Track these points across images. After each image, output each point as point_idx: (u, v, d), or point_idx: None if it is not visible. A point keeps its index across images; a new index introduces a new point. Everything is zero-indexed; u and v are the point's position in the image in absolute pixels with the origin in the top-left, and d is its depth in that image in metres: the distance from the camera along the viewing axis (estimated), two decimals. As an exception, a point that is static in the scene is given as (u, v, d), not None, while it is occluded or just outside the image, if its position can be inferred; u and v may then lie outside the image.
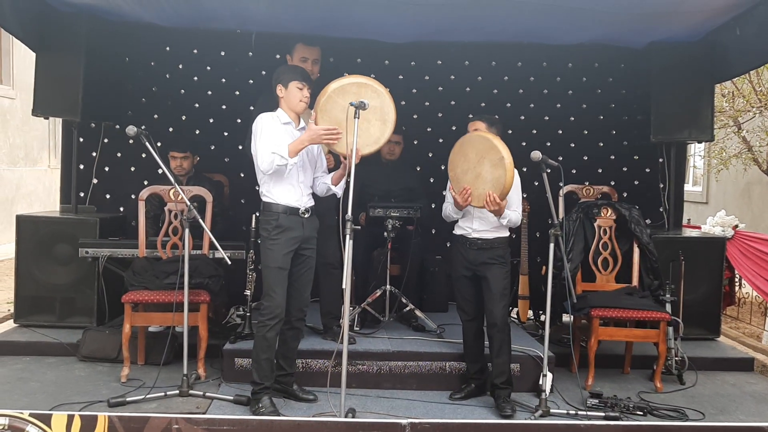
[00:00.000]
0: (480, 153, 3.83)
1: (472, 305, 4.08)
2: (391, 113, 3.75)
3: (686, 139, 5.29)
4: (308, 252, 3.87)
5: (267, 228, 3.76)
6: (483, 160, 3.81)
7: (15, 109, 10.85)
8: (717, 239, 5.43)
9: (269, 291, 3.72)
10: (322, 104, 3.69)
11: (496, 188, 3.78)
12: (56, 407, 3.66)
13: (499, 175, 3.76)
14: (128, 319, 4.17)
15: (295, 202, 3.78)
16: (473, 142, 3.89)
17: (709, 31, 4.91)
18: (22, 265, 4.96)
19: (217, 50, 5.64)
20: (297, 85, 3.76)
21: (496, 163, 3.76)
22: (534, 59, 5.75)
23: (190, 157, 5.03)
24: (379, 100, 3.70)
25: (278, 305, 3.72)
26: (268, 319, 3.71)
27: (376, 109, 3.69)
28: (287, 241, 3.74)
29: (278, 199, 3.77)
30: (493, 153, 3.77)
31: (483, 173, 3.82)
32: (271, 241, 3.74)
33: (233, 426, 2.60)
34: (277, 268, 3.72)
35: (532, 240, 5.43)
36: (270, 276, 3.73)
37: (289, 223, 3.75)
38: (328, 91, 3.68)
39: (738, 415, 4.04)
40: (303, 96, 3.79)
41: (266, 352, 3.76)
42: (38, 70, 4.93)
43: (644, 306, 4.39)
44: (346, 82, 3.69)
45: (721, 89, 7.90)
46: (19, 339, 4.75)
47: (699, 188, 11.53)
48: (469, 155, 3.88)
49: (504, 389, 3.97)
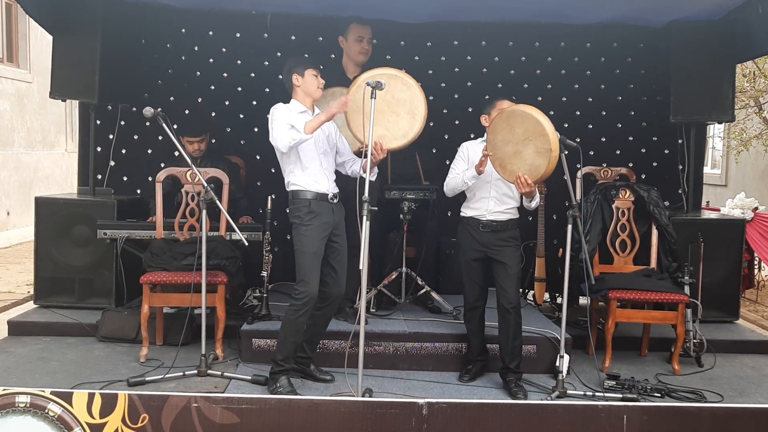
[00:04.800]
0: (528, 133, 3.70)
1: (480, 289, 4.06)
2: (421, 107, 3.72)
3: (706, 119, 5.22)
4: (339, 240, 3.89)
5: (299, 215, 3.77)
6: (529, 142, 3.70)
7: (32, 93, 10.91)
8: (736, 221, 5.37)
9: (304, 276, 3.72)
10: (353, 92, 3.72)
11: (531, 175, 3.72)
12: (76, 386, 3.70)
13: (539, 164, 3.69)
14: (147, 299, 4.20)
15: (323, 188, 3.81)
16: (525, 120, 3.72)
17: (730, 10, 4.81)
18: (41, 247, 5.01)
19: (232, 32, 5.62)
20: (312, 73, 3.80)
21: (542, 152, 3.67)
22: (552, 39, 5.67)
23: (206, 139, 5.04)
24: (409, 93, 3.69)
25: (312, 291, 3.72)
26: (302, 304, 3.72)
27: (405, 102, 3.67)
28: (320, 225, 3.77)
29: (307, 186, 3.79)
30: (542, 140, 3.66)
31: (524, 154, 3.72)
32: (305, 227, 3.75)
33: (252, 404, 2.62)
34: (312, 253, 3.74)
35: (549, 222, 5.40)
36: (306, 261, 3.73)
37: (320, 209, 3.78)
38: (359, 80, 3.72)
39: (757, 398, 4.02)
40: (319, 83, 3.82)
41: (294, 335, 3.78)
42: (55, 53, 4.96)
43: (662, 288, 4.36)
44: (377, 72, 3.69)
45: (742, 69, 7.79)
46: (39, 320, 4.80)
47: (718, 171, 11.40)
48: (516, 130, 3.74)
49: (517, 373, 3.97)
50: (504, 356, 4.00)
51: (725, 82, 5.06)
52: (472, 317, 4.11)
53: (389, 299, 4.79)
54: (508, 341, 3.96)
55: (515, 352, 3.97)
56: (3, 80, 10.22)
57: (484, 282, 4.06)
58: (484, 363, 4.17)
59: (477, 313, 4.09)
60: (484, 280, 4.06)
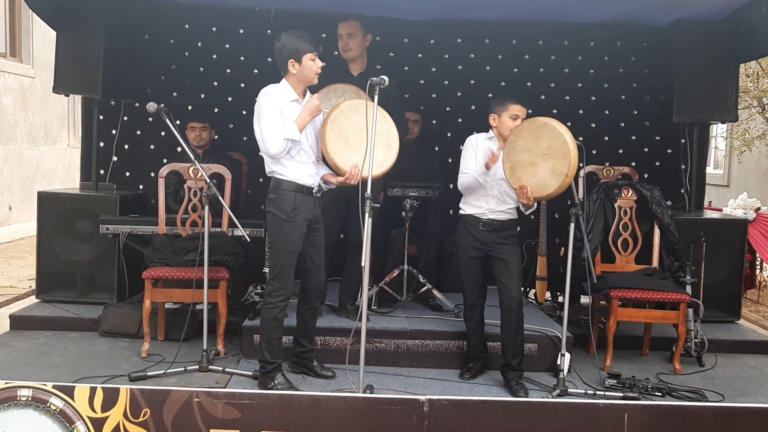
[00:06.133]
0: (551, 150, 3.66)
1: (480, 287, 4.06)
2: (395, 141, 3.81)
3: (709, 119, 5.21)
4: (317, 233, 3.82)
5: (283, 208, 3.65)
6: (548, 158, 3.67)
7: (35, 88, 10.91)
8: (738, 221, 5.36)
9: (281, 274, 3.68)
10: (334, 116, 3.72)
11: (538, 190, 3.71)
12: (78, 380, 3.72)
13: (550, 183, 3.67)
14: (149, 295, 4.21)
15: (309, 181, 3.73)
16: (553, 136, 3.67)
17: (734, 9, 4.81)
18: (44, 242, 5.02)
19: (235, 28, 5.62)
20: (310, 57, 3.59)
21: (557, 174, 3.64)
22: (555, 38, 5.67)
23: (209, 129, 5.07)
24: (386, 126, 3.77)
25: (290, 288, 3.72)
26: (279, 300, 3.69)
27: (383, 134, 3.73)
28: (303, 222, 3.71)
29: (292, 177, 3.68)
30: (562, 163, 3.62)
31: (539, 168, 3.70)
32: (288, 224, 3.66)
33: (254, 400, 2.61)
34: (293, 252, 3.69)
35: (551, 221, 5.40)
36: (284, 259, 3.68)
37: (304, 204, 3.70)
38: (341, 106, 3.74)
39: (758, 398, 4.02)
40: (317, 66, 3.64)
41: (277, 331, 3.76)
42: (58, 48, 4.97)
43: (664, 287, 4.36)
44: (360, 102, 3.74)
45: (745, 69, 7.77)
46: (41, 314, 4.81)
47: (720, 171, 11.39)
48: (541, 142, 3.70)
49: (518, 370, 3.97)
50: (506, 353, 4.00)
51: (729, 81, 5.06)
52: (471, 316, 4.11)
53: (391, 296, 4.80)
54: (510, 338, 3.96)
55: (517, 349, 3.97)
56: (6, 75, 10.22)
57: (483, 280, 4.06)
58: (485, 361, 4.17)
59: (477, 312, 4.09)
60: (483, 279, 4.06)
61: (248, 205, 5.38)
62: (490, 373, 4.15)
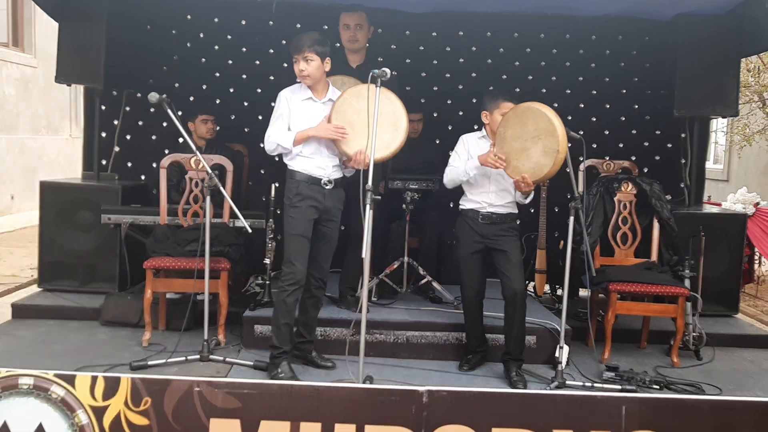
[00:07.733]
0: (539, 131, 3.70)
1: (479, 282, 4.07)
2: (403, 120, 3.79)
3: (710, 113, 5.22)
4: (330, 225, 3.89)
5: (288, 195, 3.80)
6: (538, 140, 3.70)
7: (37, 78, 10.91)
8: (738, 216, 5.37)
9: (290, 258, 3.75)
10: (338, 106, 3.76)
11: (534, 173, 3.73)
12: (80, 369, 3.73)
13: (544, 163, 3.69)
14: (150, 284, 4.22)
15: (318, 172, 3.80)
16: (537, 117, 3.72)
17: (737, 4, 4.81)
18: (46, 231, 5.03)
19: (238, 19, 5.62)
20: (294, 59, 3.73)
21: (549, 152, 3.67)
22: (557, 31, 5.67)
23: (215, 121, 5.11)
24: (391, 107, 3.76)
25: (299, 272, 3.75)
26: (288, 284, 3.75)
27: (388, 115, 3.73)
28: (308, 208, 3.77)
29: (300, 168, 3.80)
30: (552, 141, 3.66)
31: (531, 152, 3.72)
32: (293, 209, 3.77)
33: (254, 389, 2.63)
34: (298, 235, 3.75)
35: (551, 214, 5.41)
36: (291, 243, 3.76)
37: (310, 192, 3.78)
38: (344, 95, 3.77)
39: (756, 391, 4.03)
40: (298, 69, 3.73)
41: (285, 317, 3.80)
42: (61, 38, 4.97)
43: (663, 281, 4.37)
44: (363, 86, 3.74)
45: (746, 64, 7.78)
46: (43, 303, 4.83)
47: (720, 166, 11.39)
48: (528, 126, 3.74)
49: (519, 361, 4.00)
50: (509, 343, 4.01)
51: (730, 76, 5.06)
52: (471, 309, 4.12)
53: (391, 288, 4.82)
54: (513, 328, 3.97)
55: (519, 339, 3.99)
56: (8, 65, 10.21)
57: (482, 275, 4.08)
58: (484, 353, 4.19)
59: (476, 305, 4.11)
60: (482, 273, 4.07)
61: (249, 196, 5.40)
62: (488, 365, 4.18)
